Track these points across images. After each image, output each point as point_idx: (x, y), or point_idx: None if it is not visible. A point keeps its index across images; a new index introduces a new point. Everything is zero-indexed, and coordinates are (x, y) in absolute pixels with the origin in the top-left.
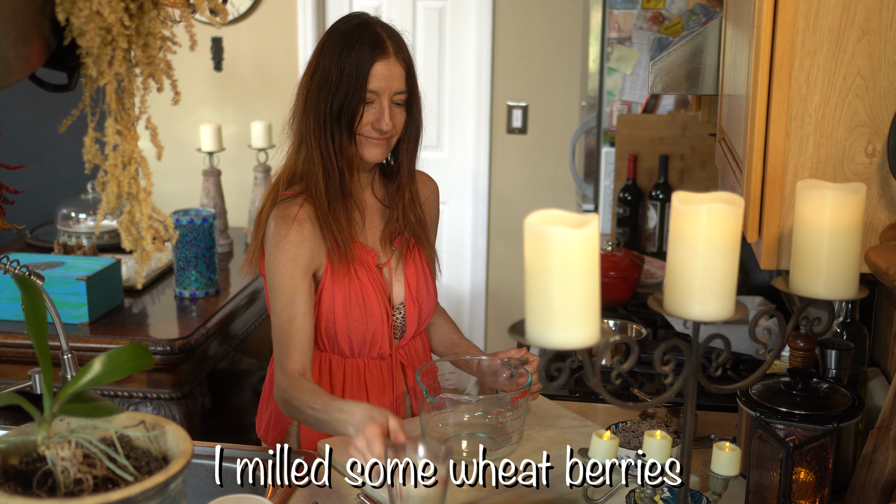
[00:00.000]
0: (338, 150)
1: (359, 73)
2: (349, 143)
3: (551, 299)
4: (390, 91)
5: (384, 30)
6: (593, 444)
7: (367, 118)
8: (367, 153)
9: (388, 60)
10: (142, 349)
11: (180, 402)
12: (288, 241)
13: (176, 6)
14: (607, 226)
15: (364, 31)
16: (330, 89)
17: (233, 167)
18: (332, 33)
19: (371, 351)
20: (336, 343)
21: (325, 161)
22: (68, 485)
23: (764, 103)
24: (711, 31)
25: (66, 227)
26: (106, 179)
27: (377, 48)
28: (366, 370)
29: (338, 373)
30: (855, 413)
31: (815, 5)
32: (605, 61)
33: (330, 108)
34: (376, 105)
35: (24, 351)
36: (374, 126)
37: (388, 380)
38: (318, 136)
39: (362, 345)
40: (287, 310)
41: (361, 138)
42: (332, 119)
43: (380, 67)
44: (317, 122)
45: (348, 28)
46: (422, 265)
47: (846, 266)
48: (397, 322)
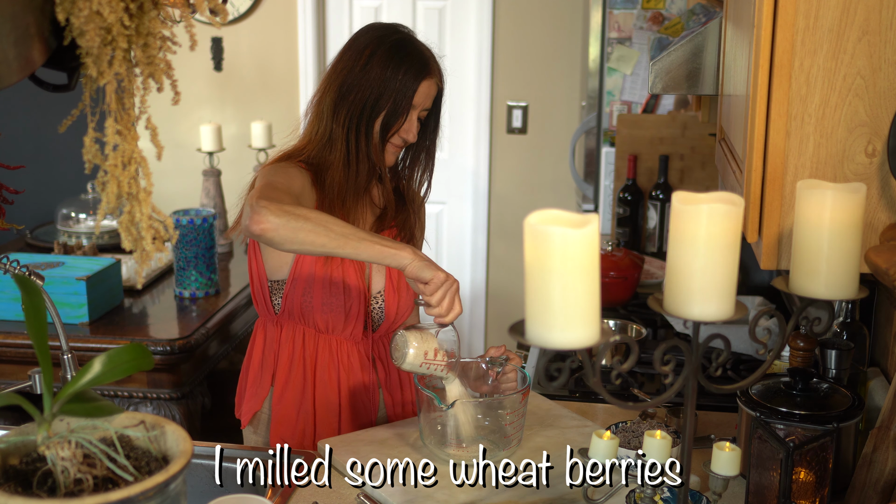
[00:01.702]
0: (366, 150)
1: (407, 90)
2: (380, 147)
3: (551, 299)
4: (423, 107)
5: (426, 49)
6: (593, 444)
7: (404, 126)
8: (388, 157)
9: (432, 80)
10: (142, 349)
11: (180, 402)
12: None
13: (176, 6)
14: (607, 226)
15: (412, 48)
16: (372, 94)
17: (233, 167)
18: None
19: (345, 331)
20: (311, 315)
21: (349, 157)
22: (68, 485)
23: (764, 103)
24: (711, 31)
25: (66, 227)
26: (106, 179)
27: (425, 67)
28: (339, 349)
29: (311, 346)
30: (855, 413)
31: (815, 5)
32: (605, 61)
33: (370, 112)
34: (409, 118)
35: (24, 351)
36: (401, 135)
37: (358, 365)
38: (349, 134)
39: (336, 324)
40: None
41: (388, 144)
42: (367, 122)
43: (425, 86)
44: (349, 121)
45: (395, 41)
46: None
47: (846, 266)
48: (374, 311)
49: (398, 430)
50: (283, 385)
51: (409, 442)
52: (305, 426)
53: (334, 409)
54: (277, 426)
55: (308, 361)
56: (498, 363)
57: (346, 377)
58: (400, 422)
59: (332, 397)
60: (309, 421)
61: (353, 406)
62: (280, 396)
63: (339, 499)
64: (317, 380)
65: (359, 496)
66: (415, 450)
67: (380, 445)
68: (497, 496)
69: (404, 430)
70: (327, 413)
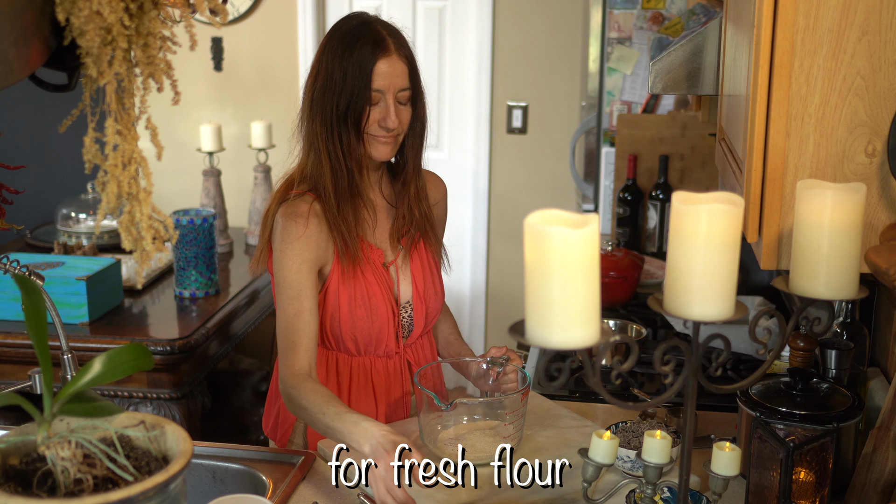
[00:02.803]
0: (346, 151)
1: (362, 72)
2: (357, 143)
3: (551, 299)
4: (394, 88)
5: (384, 28)
6: (593, 444)
7: (374, 117)
8: (376, 152)
9: (390, 58)
10: (142, 349)
11: (180, 402)
12: (295, 237)
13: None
14: (607, 226)
15: (364, 31)
16: (334, 91)
17: (233, 167)
18: (333, 35)
19: (377, 349)
20: (342, 341)
21: (332, 162)
22: (68, 485)
23: (764, 103)
24: (711, 31)
25: (66, 227)
26: (106, 179)
27: (378, 46)
28: (372, 368)
29: (344, 371)
30: (855, 413)
31: (815, 5)
32: (605, 61)
33: (336, 109)
34: (381, 104)
35: (24, 351)
36: (380, 124)
37: (394, 378)
38: (326, 138)
39: (368, 343)
40: (294, 305)
41: (369, 137)
42: (338, 120)
43: (382, 66)
44: (323, 124)
45: (348, 28)
46: (429, 262)
47: (846, 266)
48: (405, 321)
49: (398, 430)
50: None
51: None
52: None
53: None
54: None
55: (342, 387)
56: (498, 363)
57: (382, 394)
58: (400, 422)
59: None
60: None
61: (389, 417)
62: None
63: (339, 499)
64: (352, 405)
65: (359, 496)
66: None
67: None
68: (497, 496)
69: (404, 430)
70: None
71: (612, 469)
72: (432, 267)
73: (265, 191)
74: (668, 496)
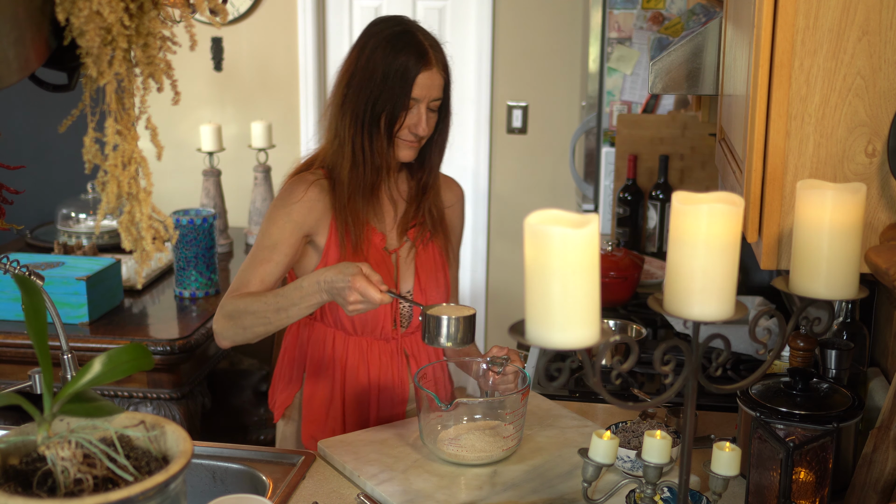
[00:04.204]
0: (372, 150)
1: (404, 81)
2: (387, 144)
3: (551, 299)
4: (429, 98)
5: (426, 38)
6: (593, 444)
7: (407, 122)
8: (402, 154)
9: (430, 71)
10: (142, 349)
11: (180, 402)
12: (291, 199)
13: (176, 6)
14: (607, 226)
15: (409, 40)
16: (372, 91)
17: (233, 167)
18: (376, 35)
19: (374, 331)
20: (339, 318)
21: (356, 156)
22: (68, 485)
23: (764, 103)
24: (711, 31)
25: (66, 227)
26: (106, 179)
27: (422, 58)
28: (369, 350)
29: (341, 348)
30: (855, 413)
31: (815, 5)
32: (605, 61)
33: (371, 108)
34: (415, 110)
35: (24, 351)
36: (411, 130)
37: (389, 362)
38: (354, 134)
39: (364, 323)
40: (263, 254)
41: (398, 140)
42: (370, 120)
43: (423, 78)
44: (353, 120)
45: (394, 33)
46: (435, 260)
47: (846, 266)
48: (403, 310)
49: (398, 430)
50: (312, 386)
51: (409, 442)
52: (335, 425)
53: (364, 407)
54: (308, 425)
55: (338, 364)
56: (498, 363)
57: (376, 374)
58: (400, 422)
59: (362, 396)
60: (338, 420)
61: (382, 401)
62: (310, 397)
63: (339, 499)
64: (346, 381)
65: (359, 496)
66: (415, 450)
67: (380, 445)
68: (497, 496)
69: (404, 430)
70: (357, 410)
71: (612, 469)
72: (438, 265)
73: (265, 191)
74: (668, 496)
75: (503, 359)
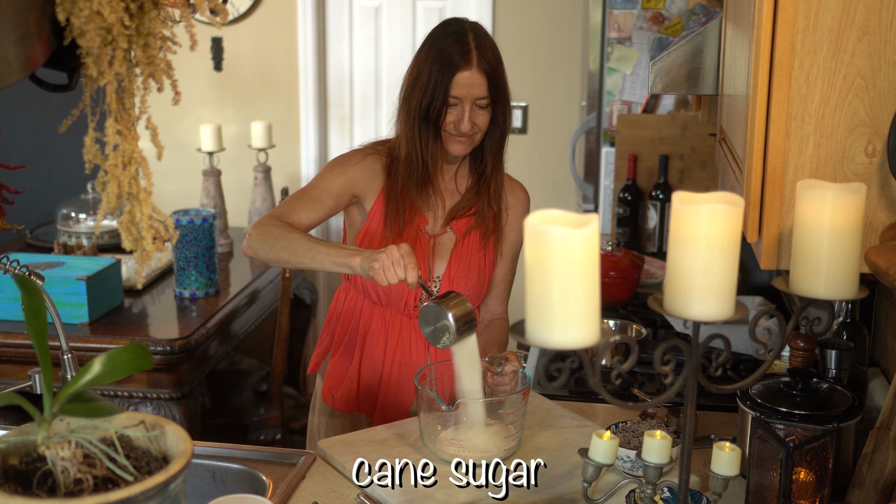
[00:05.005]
0: (423, 144)
1: (443, 80)
2: (435, 138)
3: (551, 299)
4: (472, 97)
5: (474, 40)
6: (593, 444)
7: (451, 118)
8: (452, 148)
9: (470, 71)
10: (142, 349)
11: (180, 402)
12: (350, 157)
13: (176, 6)
14: (607, 226)
15: (454, 41)
16: (420, 90)
17: (233, 167)
18: (431, 37)
19: (398, 304)
20: (366, 287)
21: (409, 150)
22: (68, 485)
23: (764, 103)
24: (711, 31)
25: (66, 227)
26: (106, 179)
27: (462, 58)
28: (391, 321)
29: (366, 316)
30: (855, 413)
31: (815, 5)
32: (605, 61)
33: (419, 105)
34: (458, 108)
35: (24, 351)
36: (455, 126)
37: (408, 337)
38: (408, 129)
39: (389, 296)
40: (314, 192)
41: (446, 135)
42: (420, 115)
43: (461, 77)
44: (407, 117)
45: (443, 34)
46: (472, 254)
47: (846, 266)
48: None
49: (398, 430)
50: (337, 347)
51: (409, 442)
52: (350, 387)
53: (377, 378)
54: (328, 380)
55: (361, 330)
56: (497, 363)
57: (393, 348)
58: (400, 422)
59: (377, 367)
60: (353, 384)
61: (397, 378)
62: (334, 356)
63: (339, 499)
64: (365, 347)
65: (359, 496)
66: (415, 450)
67: (380, 445)
68: (497, 496)
69: (404, 430)
70: (371, 379)
71: (612, 469)
72: (474, 259)
73: (265, 191)
74: (668, 496)
75: (502, 359)
